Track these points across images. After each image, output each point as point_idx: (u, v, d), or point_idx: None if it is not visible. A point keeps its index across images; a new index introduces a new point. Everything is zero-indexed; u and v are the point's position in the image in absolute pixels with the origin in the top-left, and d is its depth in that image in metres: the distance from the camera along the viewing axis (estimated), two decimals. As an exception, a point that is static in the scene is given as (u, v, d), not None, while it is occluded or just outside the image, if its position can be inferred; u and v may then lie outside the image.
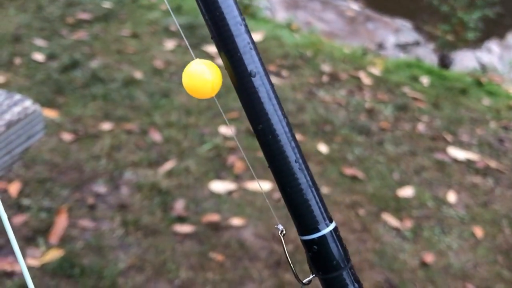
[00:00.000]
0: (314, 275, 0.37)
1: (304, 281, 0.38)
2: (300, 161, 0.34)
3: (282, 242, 0.37)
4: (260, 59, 0.34)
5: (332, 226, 0.36)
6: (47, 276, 1.37)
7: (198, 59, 0.35)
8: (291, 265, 0.37)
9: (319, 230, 0.35)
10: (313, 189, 0.35)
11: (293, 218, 0.36)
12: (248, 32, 0.33)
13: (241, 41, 0.33)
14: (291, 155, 0.34)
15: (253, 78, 0.33)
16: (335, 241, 0.36)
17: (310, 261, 0.37)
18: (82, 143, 1.85)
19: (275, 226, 0.38)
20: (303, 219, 0.35)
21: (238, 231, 1.59)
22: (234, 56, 0.33)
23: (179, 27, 0.39)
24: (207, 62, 0.34)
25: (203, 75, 0.34)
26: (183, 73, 0.34)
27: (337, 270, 0.36)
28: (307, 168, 0.35)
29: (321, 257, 0.36)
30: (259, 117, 0.34)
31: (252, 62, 0.33)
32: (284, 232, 0.38)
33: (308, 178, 0.35)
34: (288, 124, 0.34)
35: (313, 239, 0.35)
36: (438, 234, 1.70)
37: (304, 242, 0.36)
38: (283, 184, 0.35)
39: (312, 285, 0.39)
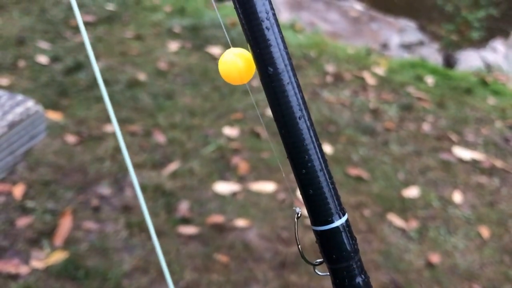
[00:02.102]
0: (323, 260, 0.38)
1: (315, 262, 0.38)
2: (319, 155, 0.35)
3: (295, 224, 0.38)
4: (284, 55, 0.34)
5: (344, 218, 0.37)
6: (51, 278, 1.37)
7: (232, 48, 0.37)
8: (299, 248, 0.38)
9: (332, 222, 0.36)
10: (328, 182, 0.36)
11: (307, 208, 0.36)
12: (274, 27, 0.33)
13: (261, 37, 0.33)
14: (311, 149, 0.35)
15: (271, 75, 0.34)
16: (346, 233, 0.37)
17: (321, 250, 0.37)
18: (86, 145, 1.85)
19: (293, 208, 0.39)
20: (316, 211, 0.36)
21: (242, 232, 1.58)
22: (255, 51, 0.34)
23: (220, 19, 0.40)
24: (238, 51, 0.36)
25: (232, 63, 0.36)
26: (219, 61, 0.37)
27: (347, 260, 0.37)
28: (324, 162, 0.36)
29: (331, 248, 0.37)
30: (281, 114, 0.34)
31: (271, 59, 0.33)
32: (300, 215, 0.38)
33: (325, 172, 0.36)
34: (309, 119, 0.35)
35: (325, 230, 0.36)
36: (444, 234, 1.68)
37: (316, 232, 0.37)
38: (300, 176, 0.36)
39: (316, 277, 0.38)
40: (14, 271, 1.37)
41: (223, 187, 1.74)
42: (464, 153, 2.09)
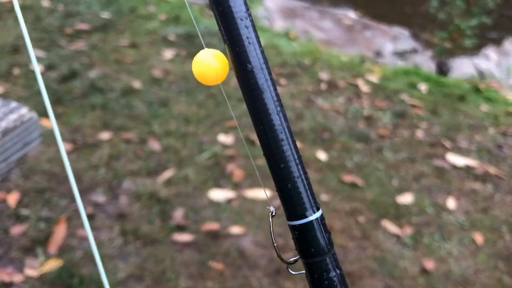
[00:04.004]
0: (299, 257, 0.39)
1: (289, 260, 0.39)
2: (293, 151, 0.36)
3: (270, 222, 0.39)
4: (259, 53, 0.35)
5: (318, 213, 0.37)
6: (46, 286, 1.36)
7: (206, 49, 0.37)
8: (275, 246, 0.39)
9: (306, 217, 0.37)
10: (303, 178, 0.37)
11: (283, 204, 0.38)
12: (250, 27, 0.35)
13: (241, 35, 0.34)
14: (285, 145, 0.36)
15: (250, 71, 0.35)
16: (320, 228, 0.37)
17: (296, 245, 0.38)
18: (81, 153, 1.85)
19: (267, 207, 0.41)
20: (292, 206, 0.37)
21: (237, 240, 1.58)
22: (233, 49, 0.35)
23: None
24: (214, 52, 0.37)
25: (208, 63, 0.36)
26: (193, 61, 0.37)
27: (321, 255, 0.37)
28: (299, 158, 0.37)
29: (306, 242, 0.37)
30: (257, 111, 0.36)
31: (250, 56, 0.35)
32: (274, 214, 0.40)
33: (299, 167, 0.36)
34: (284, 115, 0.36)
35: (300, 224, 0.37)
36: (438, 240, 1.69)
37: (291, 227, 0.38)
38: (276, 171, 0.37)
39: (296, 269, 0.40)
40: (8, 279, 1.36)
41: (218, 194, 1.74)
42: (457, 160, 2.10)
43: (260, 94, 0.35)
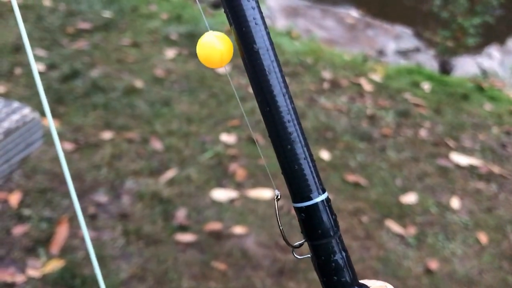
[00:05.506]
0: (305, 240, 0.39)
1: (294, 244, 0.39)
2: (299, 132, 0.36)
3: (275, 205, 0.40)
4: (265, 35, 0.35)
5: (324, 196, 0.38)
6: (48, 287, 1.35)
7: (211, 31, 0.37)
8: (281, 229, 0.39)
9: (311, 199, 0.37)
10: (308, 160, 0.37)
11: (288, 186, 0.38)
12: (256, 8, 0.35)
13: (247, 16, 0.35)
14: (290, 126, 0.36)
15: (256, 52, 0.35)
16: (326, 211, 0.38)
17: (302, 227, 0.38)
18: (82, 153, 1.85)
19: (274, 190, 0.41)
20: (298, 187, 0.37)
21: (240, 240, 1.58)
22: (239, 30, 0.35)
23: None
24: (219, 34, 0.37)
25: (213, 45, 0.36)
26: (197, 43, 0.37)
27: (327, 237, 0.38)
28: (305, 140, 0.37)
29: (312, 224, 0.38)
30: (263, 92, 0.36)
31: (256, 37, 0.35)
32: (279, 197, 0.40)
33: (305, 149, 0.37)
34: (289, 97, 0.36)
35: (305, 206, 0.37)
36: (442, 240, 1.68)
37: (297, 209, 0.38)
38: (282, 153, 0.37)
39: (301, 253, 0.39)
40: (10, 280, 1.36)
41: (221, 194, 1.73)
42: (461, 159, 2.09)
43: (266, 76, 0.35)
